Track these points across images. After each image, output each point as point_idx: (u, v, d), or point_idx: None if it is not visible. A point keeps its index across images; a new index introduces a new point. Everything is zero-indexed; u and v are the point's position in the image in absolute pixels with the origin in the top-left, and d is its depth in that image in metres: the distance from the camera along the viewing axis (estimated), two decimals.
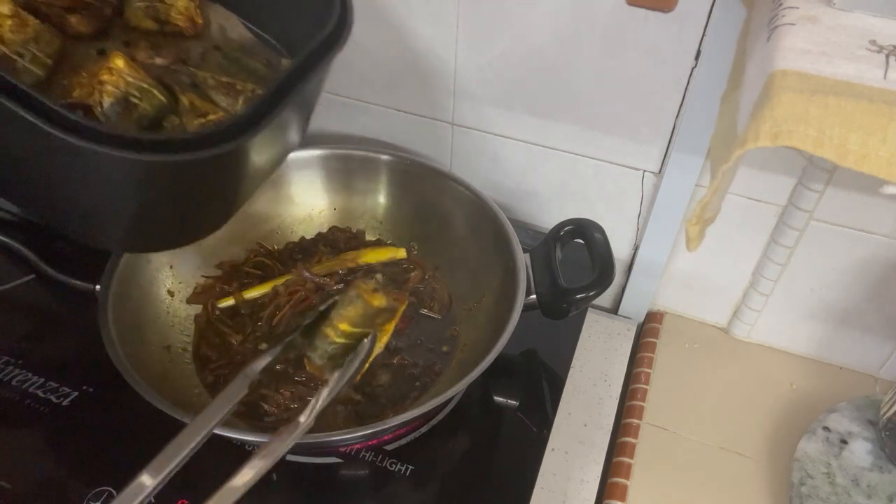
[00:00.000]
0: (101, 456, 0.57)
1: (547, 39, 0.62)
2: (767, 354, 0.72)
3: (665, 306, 0.76)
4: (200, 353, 0.63)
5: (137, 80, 0.49)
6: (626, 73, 0.61)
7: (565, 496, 0.58)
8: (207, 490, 0.45)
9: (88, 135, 0.41)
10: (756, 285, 0.69)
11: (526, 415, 0.63)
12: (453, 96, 0.70)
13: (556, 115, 0.67)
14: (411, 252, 0.73)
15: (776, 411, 0.66)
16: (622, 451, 0.62)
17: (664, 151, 0.65)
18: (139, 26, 0.56)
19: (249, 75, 0.57)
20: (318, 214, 0.75)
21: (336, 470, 0.57)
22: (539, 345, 0.69)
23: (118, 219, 0.52)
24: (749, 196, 0.63)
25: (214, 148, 0.44)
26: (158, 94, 0.51)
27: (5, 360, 0.63)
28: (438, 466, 0.58)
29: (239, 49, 0.58)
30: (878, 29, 0.37)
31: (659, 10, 0.46)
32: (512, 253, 0.62)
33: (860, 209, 0.60)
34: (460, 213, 0.69)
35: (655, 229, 0.68)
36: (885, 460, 0.58)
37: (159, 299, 0.64)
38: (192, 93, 0.53)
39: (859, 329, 0.68)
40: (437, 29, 0.66)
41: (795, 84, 0.34)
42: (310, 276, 0.68)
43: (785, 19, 0.38)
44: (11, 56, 0.47)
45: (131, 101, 0.49)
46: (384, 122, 0.76)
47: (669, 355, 0.71)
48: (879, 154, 0.32)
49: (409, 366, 0.62)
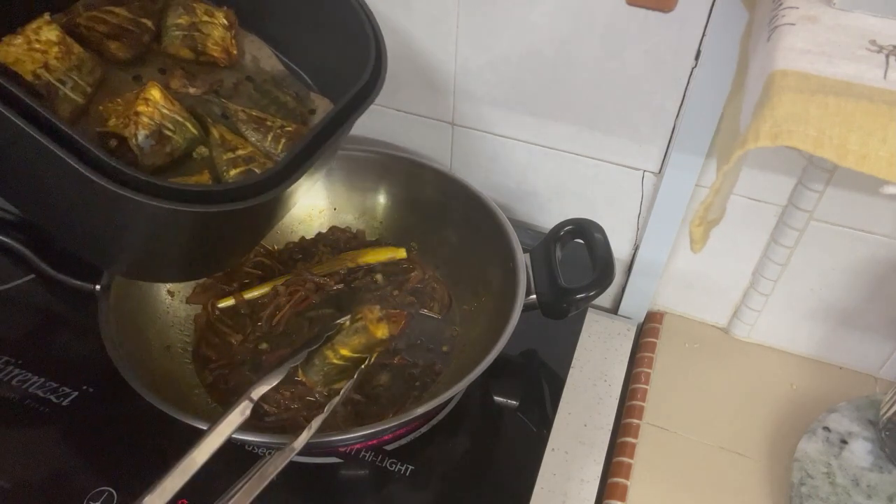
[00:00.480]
0: (101, 456, 0.57)
1: (547, 39, 0.62)
2: (767, 354, 0.72)
3: (665, 306, 0.76)
4: (200, 353, 0.63)
5: (172, 113, 0.50)
6: (626, 73, 0.61)
7: (565, 496, 0.58)
8: (207, 490, 0.45)
9: (128, 182, 0.41)
10: (756, 285, 0.69)
11: (526, 415, 0.63)
12: (453, 96, 0.70)
13: (556, 115, 0.67)
14: (411, 252, 0.73)
15: (776, 411, 0.66)
16: (622, 451, 0.62)
17: (664, 151, 0.65)
18: (176, 55, 0.57)
19: (279, 108, 0.58)
20: (318, 214, 0.75)
21: (336, 470, 0.57)
22: (539, 345, 0.69)
23: (135, 253, 0.53)
24: (749, 196, 0.63)
25: (251, 199, 0.45)
26: (191, 128, 0.52)
27: (5, 360, 0.63)
28: (438, 466, 0.58)
29: (270, 81, 0.60)
30: (878, 29, 0.37)
31: (659, 10, 0.46)
32: (512, 253, 0.62)
33: (860, 209, 0.60)
34: (460, 213, 0.69)
35: (655, 229, 0.68)
36: (885, 460, 0.58)
37: (159, 299, 0.64)
38: (222, 125, 0.54)
39: (859, 329, 0.68)
40: (437, 29, 0.66)
41: (795, 84, 0.34)
42: (310, 276, 0.68)
43: (785, 19, 0.38)
44: (55, 84, 0.48)
45: (165, 134, 0.50)
46: (384, 122, 0.76)
47: (669, 355, 0.71)
48: (879, 154, 0.32)
49: (409, 366, 0.62)
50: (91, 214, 0.48)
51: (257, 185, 0.45)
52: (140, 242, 0.51)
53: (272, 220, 0.58)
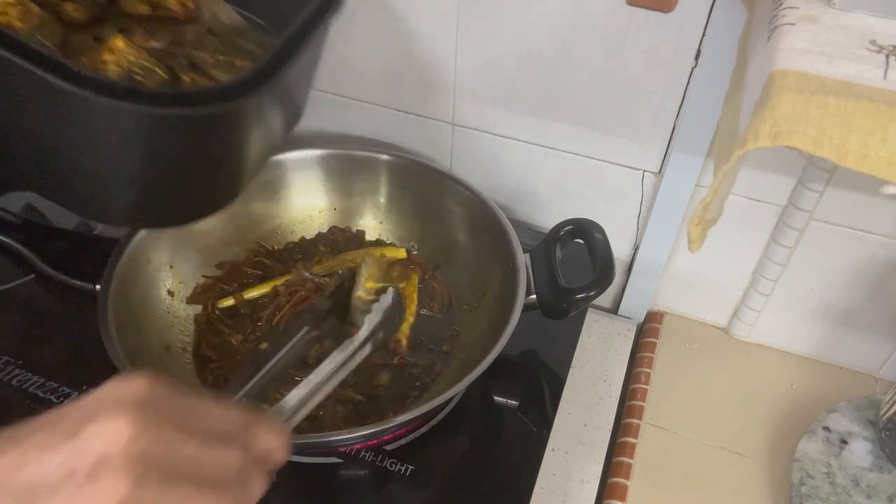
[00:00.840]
0: None
1: (547, 39, 0.62)
2: (767, 354, 0.72)
3: (665, 306, 0.76)
4: (200, 353, 0.63)
5: (139, 59, 0.49)
6: (626, 73, 0.61)
7: (565, 496, 0.58)
8: None
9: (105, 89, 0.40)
10: (756, 285, 0.69)
11: (526, 415, 0.63)
12: (453, 96, 0.70)
13: (556, 114, 0.67)
14: (411, 252, 0.73)
15: (776, 411, 0.66)
16: (622, 451, 0.62)
17: (664, 151, 0.65)
18: (133, 12, 0.56)
19: (245, 55, 0.57)
20: (318, 214, 0.75)
21: (336, 470, 0.57)
22: (539, 345, 0.69)
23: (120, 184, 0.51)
24: (749, 196, 0.63)
25: (230, 102, 0.44)
26: (161, 72, 0.51)
27: (5, 360, 0.63)
28: (438, 466, 0.58)
29: (232, 32, 0.59)
30: (878, 29, 0.37)
31: (659, 10, 0.45)
32: (512, 253, 0.62)
33: (860, 209, 0.60)
34: (460, 212, 0.69)
35: (655, 229, 0.68)
36: (885, 460, 0.58)
37: (159, 299, 0.64)
38: (192, 72, 0.53)
39: (859, 329, 0.68)
40: (437, 29, 0.66)
41: (795, 84, 0.34)
42: (310, 276, 0.68)
43: (785, 19, 0.38)
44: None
45: (136, 80, 0.49)
46: (384, 122, 0.76)
47: (669, 355, 0.71)
48: (879, 154, 0.32)
49: (409, 366, 0.62)
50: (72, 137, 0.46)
51: (232, 88, 0.43)
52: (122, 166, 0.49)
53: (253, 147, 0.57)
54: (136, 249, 0.61)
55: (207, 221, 0.68)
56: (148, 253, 0.63)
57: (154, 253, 0.64)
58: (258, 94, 0.45)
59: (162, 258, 0.65)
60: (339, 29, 0.71)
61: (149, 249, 0.63)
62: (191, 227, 0.67)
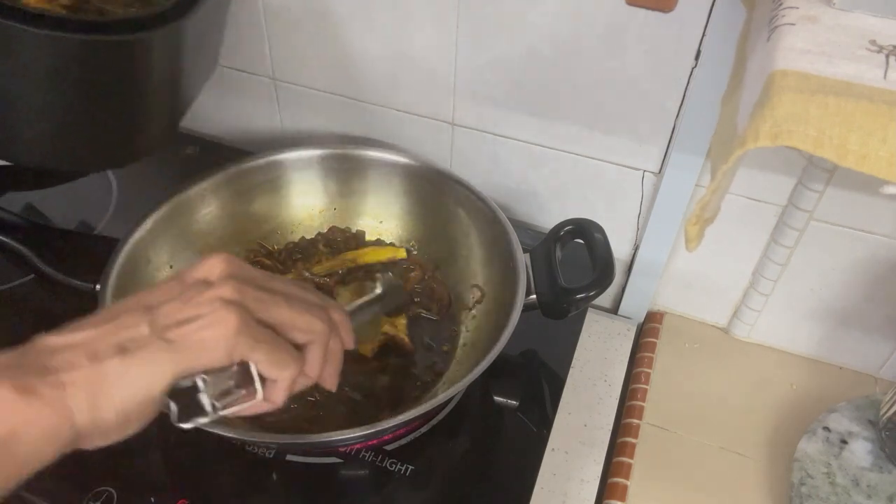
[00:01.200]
0: (101, 456, 0.56)
1: (547, 39, 0.62)
2: (767, 354, 0.72)
3: (665, 306, 0.76)
4: None
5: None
6: (626, 73, 0.61)
7: (565, 496, 0.58)
8: (207, 490, 0.45)
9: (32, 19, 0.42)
10: (756, 285, 0.69)
11: (526, 415, 0.63)
12: (453, 96, 0.70)
13: (556, 115, 0.67)
14: (411, 252, 0.73)
15: (776, 411, 0.66)
16: (622, 451, 0.62)
17: (664, 151, 0.65)
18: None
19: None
20: (318, 214, 0.75)
21: (336, 470, 0.57)
22: (539, 345, 0.69)
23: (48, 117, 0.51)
24: (749, 196, 0.63)
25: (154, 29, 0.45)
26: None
27: None
28: (438, 466, 0.58)
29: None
30: (878, 29, 0.37)
31: (659, 10, 0.45)
32: (512, 253, 0.62)
33: (860, 209, 0.60)
34: (460, 213, 0.69)
35: (655, 229, 0.68)
36: (885, 460, 0.58)
37: None
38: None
39: (859, 329, 0.68)
40: (437, 29, 0.66)
41: (795, 84, 0.34)
42: (310, 276, 0.68)
43: (785, 19, 0.38)
44: None
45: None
46: (384, 122, 0.76)
47: (669, 355, 0.71)
48: (879, 154, 0.32)
49: (409, 366, 0.62)
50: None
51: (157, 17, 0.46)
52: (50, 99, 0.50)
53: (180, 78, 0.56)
54: (136, 249, 0.61)
55: (207, 222, 0.68)
56: (148, 253, 0.63)
57: (154, 253, 0.64)
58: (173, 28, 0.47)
59: (162, 258, 0.65)
60: (340, 29, 0.71)
61: (149, 249, 0.63)
62: (191, 228, 0.67)
